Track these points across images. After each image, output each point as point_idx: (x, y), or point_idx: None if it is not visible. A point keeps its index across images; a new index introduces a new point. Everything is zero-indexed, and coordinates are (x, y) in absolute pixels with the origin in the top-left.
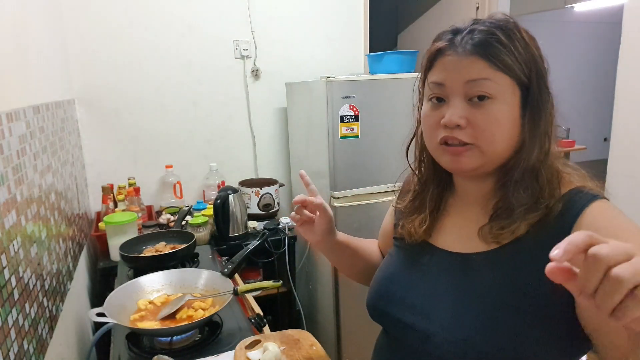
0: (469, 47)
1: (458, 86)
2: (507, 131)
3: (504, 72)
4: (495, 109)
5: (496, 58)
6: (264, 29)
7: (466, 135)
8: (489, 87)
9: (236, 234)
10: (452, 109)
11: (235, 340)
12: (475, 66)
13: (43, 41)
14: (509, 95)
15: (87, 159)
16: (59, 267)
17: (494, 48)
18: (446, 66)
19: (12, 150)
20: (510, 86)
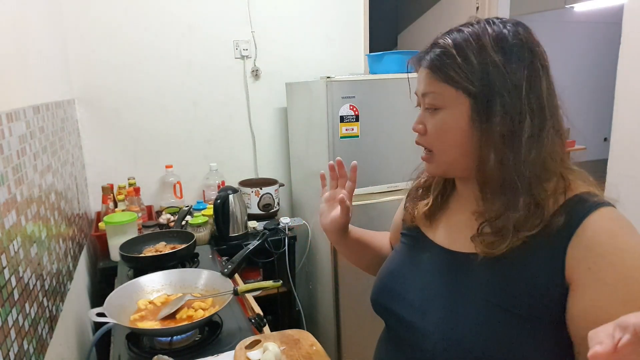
0: (425, 63)
1: (420, 97)
2: (456, 139)
3: (449, 83)
4: (442, 118)
5: (442, 72)
6: (264, 29)
7: (425, 141)
8: (437, 99)
9: (236, 234)
10: (418, 117)
11: (235, 340)
12: (427, 80)
13: (43, 41)
14: (456, 106)
15: (87, 159)
16: (59, 267)
17: (441, 64)
18: (418, 78)
19: (12, 150)
20: (455, 97)
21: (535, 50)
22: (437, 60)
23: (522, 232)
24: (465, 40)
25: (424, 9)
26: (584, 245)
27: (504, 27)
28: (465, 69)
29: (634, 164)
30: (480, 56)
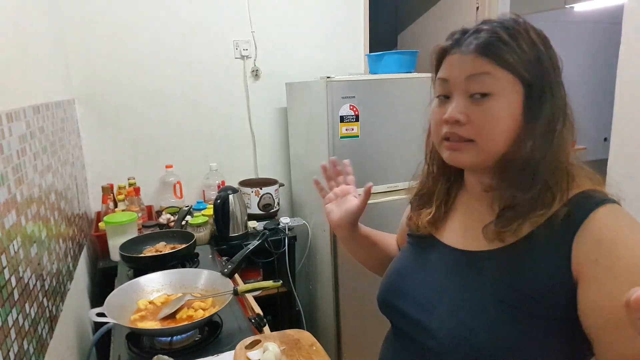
0: (472, 46)
1: (460, 82)
2: (506, 128)
3: (505, 68)
4: (495, 106)
5: (497, 55)
6: (264, 29)
7: (466, 131)
8: (489, 82)
9: (236, 234)
10: (454, 105)
11: (235, 340)
12: (476, 62)
13: (43, 41)
14: (510, 92)
15: (87, 159)
16: (59, 267)
17: (495, 47)
18: (451, 63)
19: (12, 150)
20: (511, 82)
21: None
22: (489, 43)
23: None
24: (515, 28)
25: (424, 9)
26: (590, 239)
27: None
28: (520, 55)
29: (634, 164)
30: (531, 46)
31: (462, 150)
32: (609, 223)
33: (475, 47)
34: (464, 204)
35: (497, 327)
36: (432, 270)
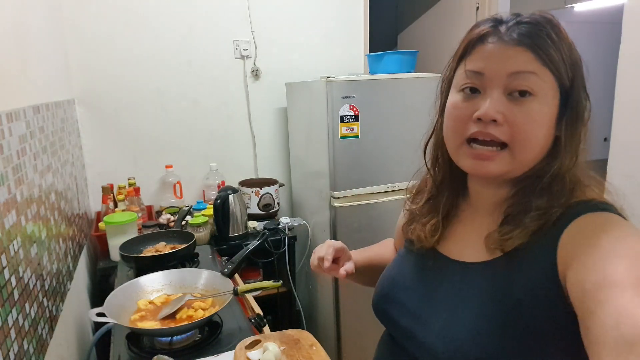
0: (515, 35)
1: (500, 77)
2: (544, 134)
3: (550, 69)
4: (536, 108)
5: (545, 52)
6: (264, 29)
7: (502, 132)
8: (534, 82)
9: (236, 234)
10: (491, 102)
11: (235, 340)
12: (522, 57)
13: (43, 41)
14: (551, 96)
15: (87, 159)
16: (59, 267)
17: (543, 41)
18: (488, 54)
19: (12, 150)
20: (553, 86)
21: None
22: (537, 36)
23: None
24: (556, 25)
25: (424, 9)
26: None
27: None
28: (565, 57)
29: (634, 164)
30: (570, 49)
31: (493, 159)
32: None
33: (519, 37)
34: (467, 214)
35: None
36: (428, 280)
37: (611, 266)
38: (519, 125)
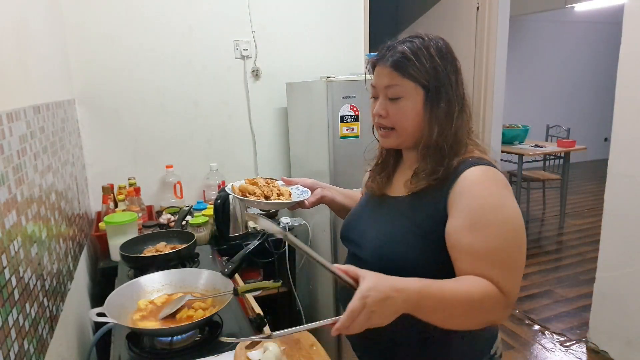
0: (388, 62)
1: (381, 88)
2: (413, 119)
3: (409, 79)
4: (404, 105)
5: (404, 70)
6: (264, 29)
7: (388, 122)
8: (399, 90)
9: (236, 234)
10: (378, 104)
11: None
12: (390, 75)
13: (43, 41)
14: (413, 95)
15: (88, 159)
16: (59, 267)
17: (402, 64)
18: (376, 74)
19: (13, 150)
20: (413, 89)
21: (454, 57)
22: (399, 62)
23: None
24: (419, 48)
25: (424, 9)
26: (456, 188)
27: (438, 41)
28: (421, 69)
29: (634, 164)
30: (429, 60)
31: (388, 136)
32: (469, 177)
33: (390, 63)
34: (401, 170)
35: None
36: (370, 212)
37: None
38: (395, 116)
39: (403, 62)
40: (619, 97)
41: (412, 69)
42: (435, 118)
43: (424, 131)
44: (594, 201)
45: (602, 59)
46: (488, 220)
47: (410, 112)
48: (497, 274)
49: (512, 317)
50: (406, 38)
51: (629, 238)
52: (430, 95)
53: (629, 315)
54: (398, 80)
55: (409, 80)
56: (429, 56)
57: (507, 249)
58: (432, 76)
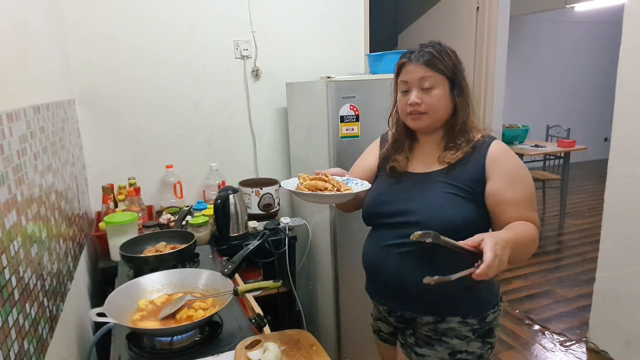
0: (420, 61)
1: (415, 82)
2: (444, 105)
3: (438, 72)
4: (435, 93)
5: (434, 65)
6: (264, 29)
7: (422, 108)
8: (431, 81)
9: (236, 234)
10: (414, 95)
11: (235, 340)
12: (422, 70)
13: (43, 41)
14: (442, 85)
15: (88, 159)
16: (59, 267)
17: (432, 61)
18: (409, 71)
19: (13, 150)
20: (442, 80)
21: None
22: (430, 60)
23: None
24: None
25: (424, 9)
26: (491, 157)
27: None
28: (446, 64)
29: (634, 164)
30: (450, 59)
31: (421, 119)
32: (498, 148)
33: (422, 61)
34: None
35: (448, 207)
36: (406, 187)
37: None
38: (429, 103)
39: (433, 60)
40: (619, 97)
41: (440, 64)
42: (458, 102)
43: (450, 113)
44: (594, 201)
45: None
46: (521, 177)
47: (441, 98)
48: (532, 214)
49: (512, 317)
50: (427, 44)
51: (629, 238)
52: (453, 84)
53: (629, 315)
54: (430, 74)
55: (439, 73)
56: (448, 56)
57: (533, 194)
58: (453, 70)
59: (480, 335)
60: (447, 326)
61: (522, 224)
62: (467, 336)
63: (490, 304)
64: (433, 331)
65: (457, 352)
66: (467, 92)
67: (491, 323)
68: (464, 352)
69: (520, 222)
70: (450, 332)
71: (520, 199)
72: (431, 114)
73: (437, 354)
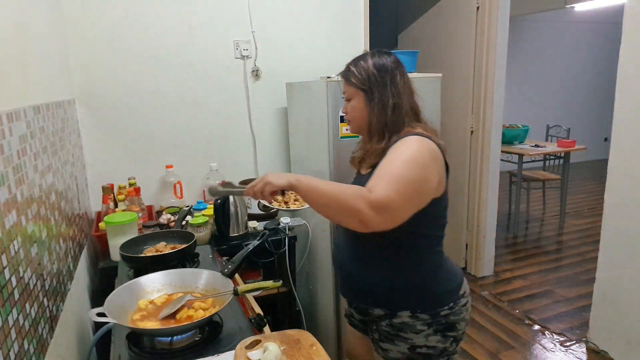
0: (341, 75)
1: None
2: (359, 114)
3: (352, 85)
4: (352, 104)
5: (347, 79)
6: (264, 29)
7: (347, 117)
8: (347, 93)
9: (236, 234)
10: (344, 105)
11: (235, 340)
12: (343, 83)
13: (43, 41)
14: (357, 96)
15: (88, 159)
16: (59, 267)
17: (347, 74)
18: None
19: (13, 150)
20: (356, 92)
21: (395, 65)
22: (345, 74)
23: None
24: (357, 63)
25: (424, 9)
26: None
27: (382, 57)
28: (358, 77)
29: (634, 164)
30: (365, 71)
31: (350, 126)
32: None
33: (342, 76)
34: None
35: None
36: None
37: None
38: (350, 113)
39: (347, 74)
40: (619, 97)
41: (352, 77)
42: (372, 111)
43: (367, 120)
44: (594, 201)
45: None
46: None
47: (356, 108)
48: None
49: (512, 317)
50: (356, 57)
51: (629, 238)
52: (367, 95)
53: (629, 315)
54: (346, 87)
55: (352, 86)
56: (364, 69)
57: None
58: (367, 82)
59: (439, 330)
60: (400, 321)
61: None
62: (422, 330)
63: (443, 301)
64: (390, 326)
65: (417, 347)
66: (385, 101)
67: (448, 318)
68: (424, 346)
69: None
70: (405, 327)
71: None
72: (353, 122)
73: (398, 349)
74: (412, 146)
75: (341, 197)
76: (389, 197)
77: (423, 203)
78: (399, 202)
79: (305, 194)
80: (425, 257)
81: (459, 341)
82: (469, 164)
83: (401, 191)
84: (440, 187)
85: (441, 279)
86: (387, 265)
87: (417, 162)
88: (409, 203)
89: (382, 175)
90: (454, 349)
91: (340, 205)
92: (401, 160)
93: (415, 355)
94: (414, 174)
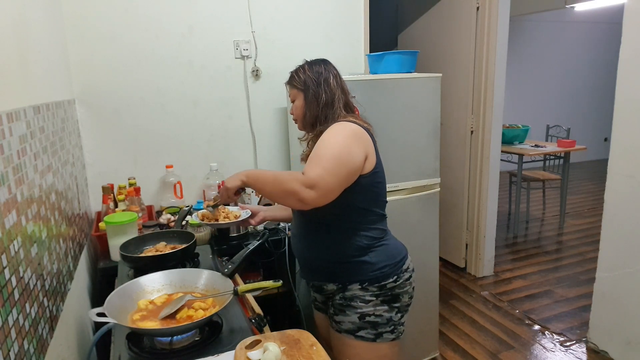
0: (287, 81)
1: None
2: (301, 113)
3: (293, 87)
4: (295, 104)
5: (290, 82)
6: (264, 29)
7: (293, 116)
8: (292, 95)
9: (236, 234)
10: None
11: (235, 340)
12: (288, 87)
13: (43, 41)
14: (299, 97)
15: (88, 159)
16: (59, 267)
17: (290, 79)
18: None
19: (13, 150)
20: (297, 93)
21: (329, 69)
22: (289, 78)
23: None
24: (298, 69)
25: (424, 9)
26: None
27: (315, 64)
28: (298, 80)
29: (634, 164)
30: (303, 74)
31: (297, 124)
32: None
33: (287, 81)
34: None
35: None
36: None
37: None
38: (294, 111)
39: (290, 78)
40: (619, 97)
41: (293, 80)
42: (308, 107)
43: (306, 116)
44: (594, 201)
45: (602, 59)
46: (322, 140)
47: (298, 107)
48: (309, 168)
49: (512, 317)
50: (300, 66)
51: (629, 238)
52: (305, 94)
53: (629, 315)
54: (290, 90)
55: (293, 88)
56: (303, 72)
57: (324, 153)
58: (304, 84)
59: (385, 301)
60: (351, 293)
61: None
62: (370, 300)
63: (388, 275)
64: (343, 299)
65: (366, 315)
66: (318, 98)
67: (393, 290)
68: (372, 315)
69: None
70: (355, 298)
71: (310, 155)
72: (298, 119)
73: (349, 319)
74: (333, 129)
75: (281, 181)
76: (317, 174)
77: (352, 176)
78: (326, 177)
79: (254, 185)
80: (365, 231)
81: (403, 313)
82: (469, 164)
83: (327, 167)
84: (369, 163)
85: (384, 254)
86: (330, 240)
87: (338, 141)
88: (336, 177)
89: (311, 158)
90: (399, 321)
91: (281, 188)
92: (324, 142)
93: (364, 323)
94: (337, 151)
